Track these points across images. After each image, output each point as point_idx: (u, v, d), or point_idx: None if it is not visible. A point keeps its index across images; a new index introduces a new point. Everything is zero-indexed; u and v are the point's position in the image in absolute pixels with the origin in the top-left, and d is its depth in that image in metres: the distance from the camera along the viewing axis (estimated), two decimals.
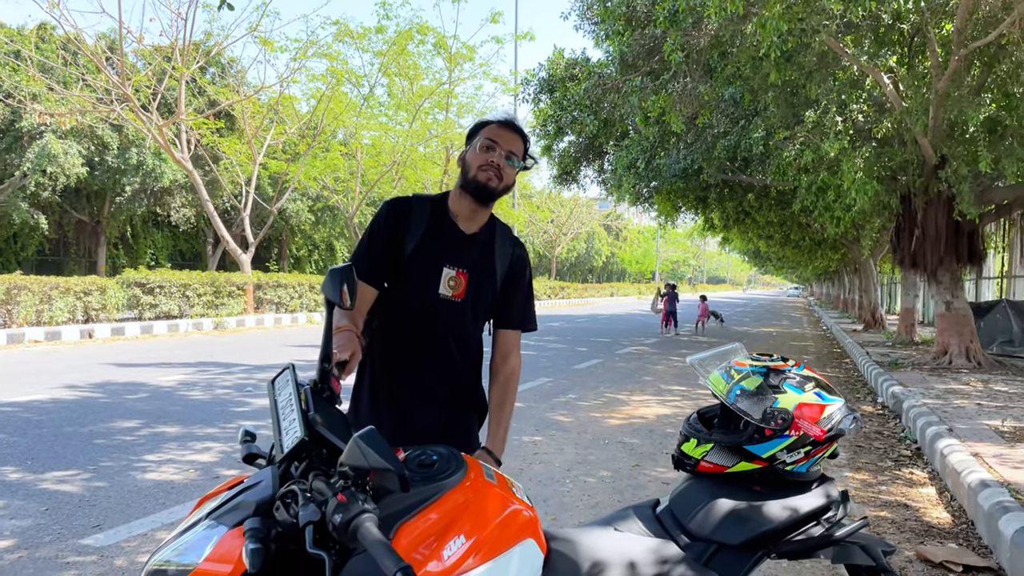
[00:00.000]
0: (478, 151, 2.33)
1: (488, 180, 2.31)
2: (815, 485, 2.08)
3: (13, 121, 29.62)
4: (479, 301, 2.39)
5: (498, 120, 2.38)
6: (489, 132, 2.35)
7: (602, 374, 12.53)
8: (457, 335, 2.39)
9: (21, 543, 4.18)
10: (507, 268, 2.45)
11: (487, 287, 2.40)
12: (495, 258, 2.42)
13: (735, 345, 2.35)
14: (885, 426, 8.48)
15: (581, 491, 5.49)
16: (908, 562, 4.26)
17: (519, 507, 1.83)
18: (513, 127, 2.37)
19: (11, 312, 16.58)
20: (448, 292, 2.35)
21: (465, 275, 2.36)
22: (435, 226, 2.37)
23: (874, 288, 27.26)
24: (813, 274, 55.18)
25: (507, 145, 2.33)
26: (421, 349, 2.37)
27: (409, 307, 2.36)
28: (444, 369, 2.39)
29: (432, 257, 2.34)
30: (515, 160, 2.36)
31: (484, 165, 2.30)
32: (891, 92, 11.32)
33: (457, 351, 2.40)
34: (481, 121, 2.42)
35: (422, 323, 2.36)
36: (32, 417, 7.63)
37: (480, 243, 2.41)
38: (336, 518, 1.46)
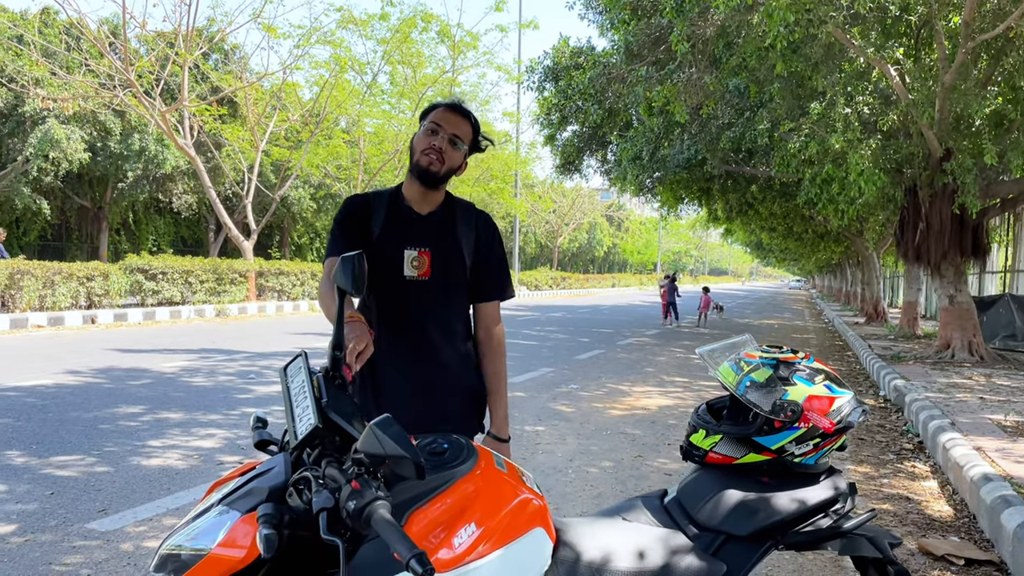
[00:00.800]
0: (423, 135, 2.39)
1: (430, 164, 2.36)
2: (823, 477, 2.08)
3: (16, 106, 29.55)
4: (448, 277, 2.43)
5: (446, 104, 2.43)
6: (435, 116, 2.40)
7: (604, 365, 12.54)
8: (433, 315, 2.42)
9: (27, 527, 4.20)
10: (474, 241, 2.50)
11: (454, 263, 2.44)
12: (458, 234, 2.47)
13: (745, 337, 2.35)
14: (887, 419, 8.49)
15: (583, 481, 5.51)
16: (910, 555, 4.27)
17: (529, 496, 1.84)
18: (458, 110, 2.42)
19: (14, 297, 16.59)
20: (413, 272, 2.40)
21: (427, 253, 2.41)
22: (393, 213, 2.44)
23: (876, 281, 27.25)
24: (815, 267, 55.18)
25: (451, 128, 2.38)
26: (400, 333, 2.40)
27: (382, 294, 2.41)
28: (426, 352, 2.42)
29: (393, 241, 2.40)
30: (460, 143, 2.39)
31: (427, 149, 2.36)
32: (897, 84, 11.28)
33: (439, 332, 2.43)
34: (430, 105, 2.47)
35: (395, 307, 2.41)
36: (36, 402, 7.65)
37: (437, 221, 2.46)
38: (350, 505, 1.47)
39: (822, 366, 2.13)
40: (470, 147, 2.44)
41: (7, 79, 25.52)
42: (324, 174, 31.03)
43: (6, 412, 7.11)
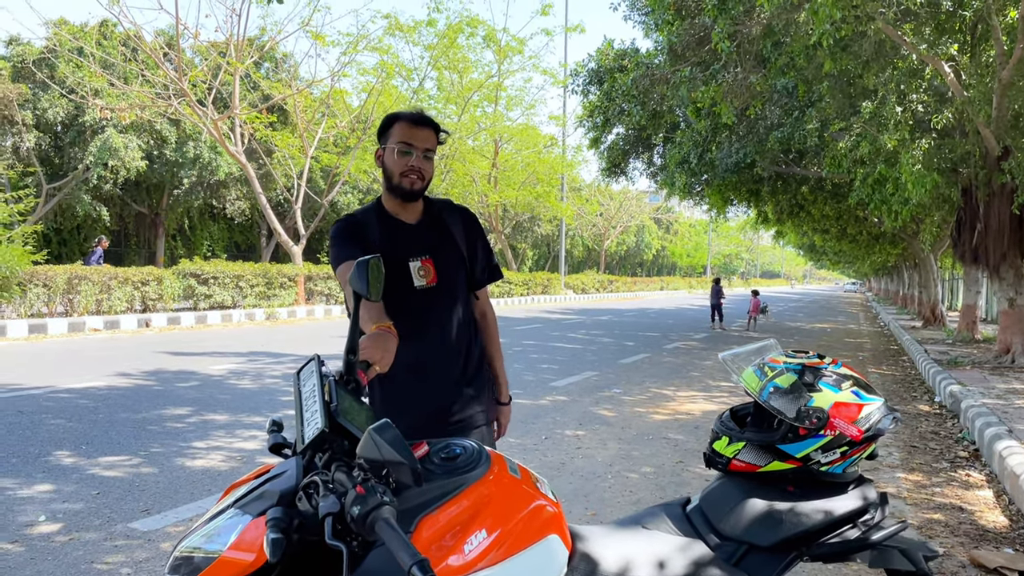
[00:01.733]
0: (396, 157, 2.40)
1: (412, 185, 2.41)
2: (852, 486, 2.01)
3: (76, 116, 30.52)
4: (453, 279, 2.50)
5: (407, 117, 2.43)
6: (402, 134, 2.40)
7: (648, 368, 12.42)
8: (446, 317, 2.49)
9: (71, 526, 4.30)
10: (464, 236, 2.57)
11: (455, 265, 2.51)
12: (451, 234, 2.54)
13: (769, 341, 2.28)
14: (942, 426, 8.24)
15: (622, 487, 5.44)
16: (961, 567, 4.13)
17: (543, 502, 1.80)
18: (423, 121, 2.43)
19: (72, 301, 17.10)
20: (422, 281, 2.46)
21: (430, 261, 2.47)
22: (384, 229, 2.48)
23: (934, 284, 26.52)
24: (871, 269, 53.96)
25: (421, 144, 2.41)
26: (418, 341, 2.43)
27: (394, 306, 2.41)
28: (446, 354, 2.49)
29: (396, 256, 2.42)
30: (431, 154, 2.45)
31: (406, 171, 2.40)
32: (952, 81, 10.96)
33: (454, 332, 2.50)
34: (390, 116, 2.47)
35: (410, 318, 2.42)
36: (88, 403, 7.86)
37: (429, 227, 2.52)
38: (354, 510, 1.46)
39: (850, 372, 2.06)
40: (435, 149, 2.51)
41: (68, 90, 26.34)
42: (372, 179, 31.38)
43: (60, 413, 7.31)
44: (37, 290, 16.31)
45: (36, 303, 16.40)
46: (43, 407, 7.59)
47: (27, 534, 4.16)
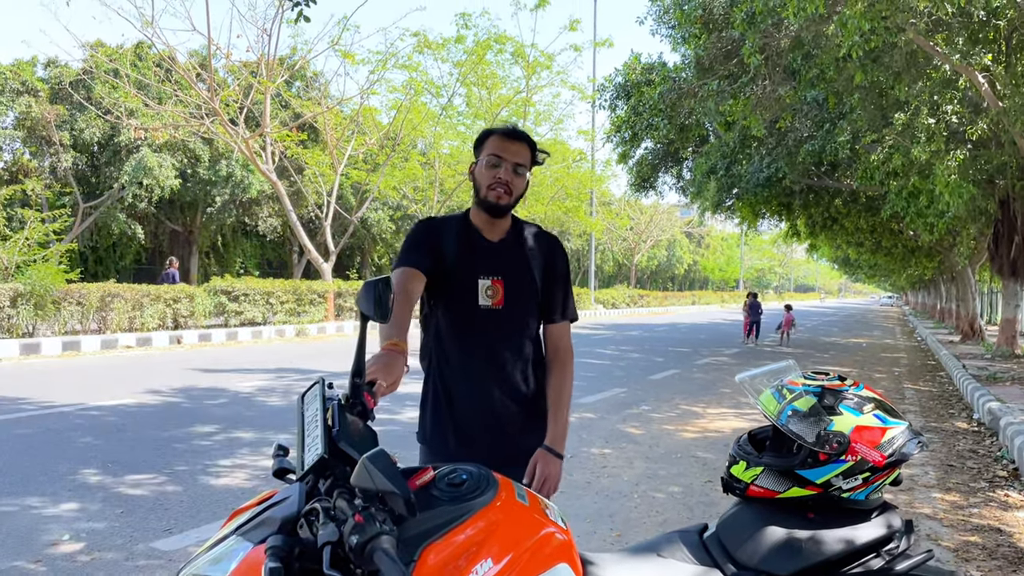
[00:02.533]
0: (485, 168, 2.36)
1: (498, 199, 2.35)
2: (875, 514, 1.92)
3: (112, 136, 31.15)
4: (520, 305, 2.43)
5: (501, 131, 2.39)
6: (494, 146, 2.36)
7: (678, 385, 12.27)
8: (506, 342, 2.42)
9: (93, 545, 4.31)
10: (543, 265, 2.49)
11: (526, 289, 2.44)
12: (528, 259, 2.46)
13: (788, 363, 2.21)
14: (980, 444, 8.03)
15: (649, 507, 5.35)
16: None
17: (552, 529, 1.75)
18: (517, 135, 2.38)
19: (105, 318, 17.36)
20: (488, 301, 2.39)
21: (501, 282, 2.40)
22: (464, 241, 2.43)
23: (972, 297, 26.00)
24: (907, 282, 53.16)
25: (513, 157, 2.35)
26: (476, 361, 2.40)
27: (456, 322, 2.41)
28: (502, 378, 2.41)
29: (467, 270, 2.38)
30: (523, 169, 2.38)
31: (492, 184, 2.34)
32: (987, 92, 10.76)
33: (514, 360, 2.42)
34: (485, 131, 2.44)
35: (471, 336, 2.40)
36: (117, 421, 7.93)
37: (509, 249, 2.46)
38: (352, 539, 1.42)
39: (873, 394, 1.98)
40: (530, 166, 2.42)
41: (104, 111, 26.89)
42: (401, 196, 31.57)
43: (88, 431, 7.39)
44: (71, 308, 16.58)
45: (70, 320, 16.67)
46: (73, 424, 7.67)
47: (49, 553, 4.17)
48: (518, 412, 2.43)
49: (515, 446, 2.41)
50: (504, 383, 2.41)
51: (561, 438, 2.46)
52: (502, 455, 2.35)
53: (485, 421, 2.40)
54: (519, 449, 2.41)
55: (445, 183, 30.13)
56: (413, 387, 6.70)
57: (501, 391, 2.40)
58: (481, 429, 2.39)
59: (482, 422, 2.39)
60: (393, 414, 8.62)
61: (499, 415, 2.40)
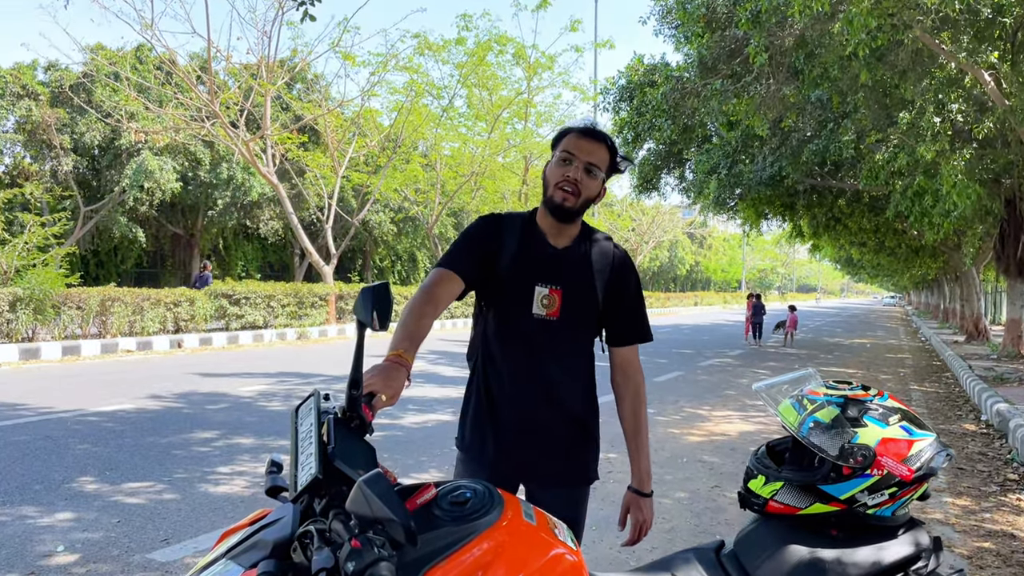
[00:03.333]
0: (555, 166, 2.20)
1: (564, 200, 2.18)
2: (902, 531, 1.82)
3: (113, 139, 31.12)
4: (577, 318, 2.25)
5: (578, 128, 2.23)
6: (567, 143, 2.21)
7: (682, 387, 12.17)
8: (558, 356, 2.25)
9: (89, 557, 4.21)
10: (607, 280, 2.30)
11: (586, 303, 2.26)
12: (592, 272, 2.27)
13: (809, 371, 2.10)
14: (989, 447, 7.94)
15: (656, 514, 5.22)
16: None
17: (562, 551, 1.65)
18: (593, 134, 2.21)
19: (105, 323, 17.28)
20: (542, 311, 2.22)
21: (559, 292, 2.22)
22: (526, 243, 2.26)
23: (977, 297, 25.89)
24: (911, 282, 53.05)
25: (586, 156, 2.18)
26: (521, 375, 2.24)
27: (505, 328, 2.26)
28: (549, 392, 2.24)
29: (524, 275, 2.22)
30: (596, 171, 2.19)
31: (560, 182, 2.18)
32: (993, 90, 10.66)
33: (561, 373, 2.25)
34: (564, 129, 2.27)
35: (519, 345, 2.24)
36: (116, 427, 7.84)
37: (573, 258, 2.27)
38: (349, 566, 1.32)
39: (899, 404, 1.88)
40: (607, 171, 2.25)
41: (104, 114, 26.83)
42: (403, 198, 31.48)
43: (87, 437, 7.29)
44: (71, 312, 16.49)
45: (70, 325, 16.59)
46: (71, 431, 7.58)
47: (43, 565, 4.08)
48: (564, 431, 2.27)
49: (559, 464, 2.26)
50: (551, 399, 2.24)
51: (647, 475, 2.34)
52: (545, 465, 2.24)
53: (526, 433, 2.23)
54: (561, 470, 2.27)
55: (447, 185, 30.05)
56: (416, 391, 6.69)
57: (548, 406, 2.24)
58: (523, 435, 2.23)
59: (525, 427, 2.23)
60: (395, 419, 8.52)
61: (542, 430, 2.24)
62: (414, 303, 2.06)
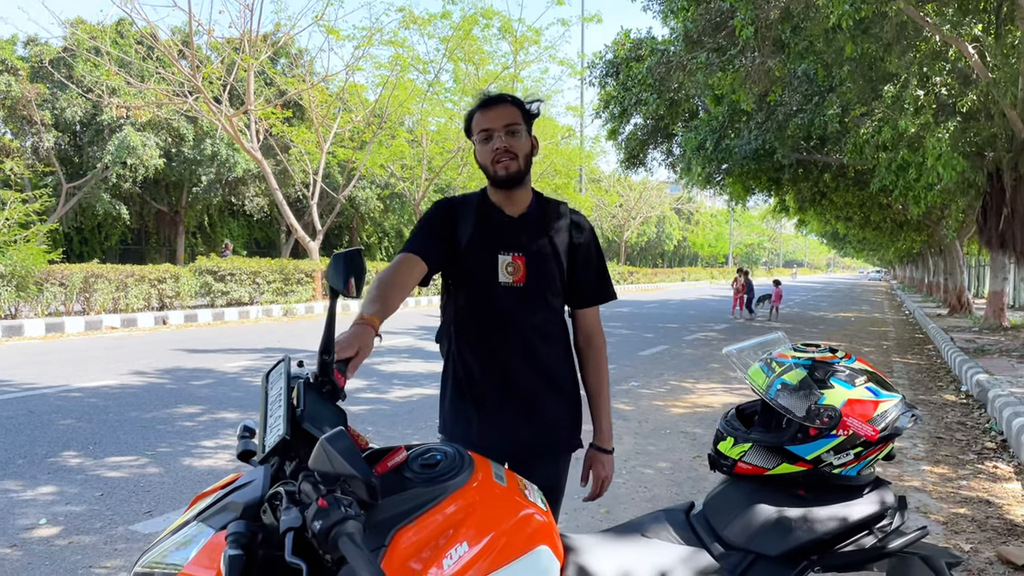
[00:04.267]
0: (481, 147, 2.24)
1: (505, 168, 2.21)
2: (867, 490, 1.85)
3: (94, 115, 30.74)
4: (543, 282, 2.28)
5: (478, 105, 2.26)
6: (478, 122, 2.24)
7: (668, 361, 12.25)
8: (530, 321, 2.28)
9: (72, 529, 4.23)
10: (568, 242, 2.33)
11: (549, 267, 2.29)
12: (551, 236, 2.31)
13: (777, 335, 2.12)
14: (968, 416, 8.04)
15: (637, 483, 5.31)
16: (988, 563, 3.98)
17: (532, 511, 1.68)
18: (495, 100, 2.24)
19: (89, 299, 17.18)
20: (508, 278, 2.26)
21: (522, 258, 2.26)
22: (483, 217, 2.30)
23: (960, 270, 26.09)
24: (896, 256, 53.32)
25: (498, 122, 2.20)
26: (496, 342, 2.27)
27: (476, 302, 2.28)
28: (527, 358, 2.27)
29: (486, 246, 2.26)
30: (516, 127, 2.22)
31: (494, 157, 2.20)
32: (977, 63, 10.67)
33: (536, 338, 2.28)
34: (468, 114, 2.31)
35: (491, 314, 2.27)
36: (99, 402, 7.82)
37: (531, 223, 2.31)
38: (316, 525, 1.34)
39: (865, 366, 1.90)
40: (527, 123, 2.27)
41: (86, 89, 26.48)
42: (389, 174, 31.31)
43: (70, 413, 7.28)
44: (54, 289, 16.38)
45: (53, 302, 16.48)
46: (54, 406, 7.56)
47: (26, 538, 4.09)
48: (545, 397, 2.29)
49: (545, 434, 2.29)
50: (529, 359, 2.27)
51: (609, 433, 2.41)
52: (529, 433, 2.26)
53: (509, 396, 2.25)
54: (549, 438, 2.30)
55: (433, 160, 29.90)
56: (401, 366, 6.70)
57: (528, 372, 2.26)
58: (505, 406, 2.25)
59: (506, 398, 2.25)
60: (381, 393, 8.55)
61: (524, 390, 2.26)
62: (378, 282, 2.08)
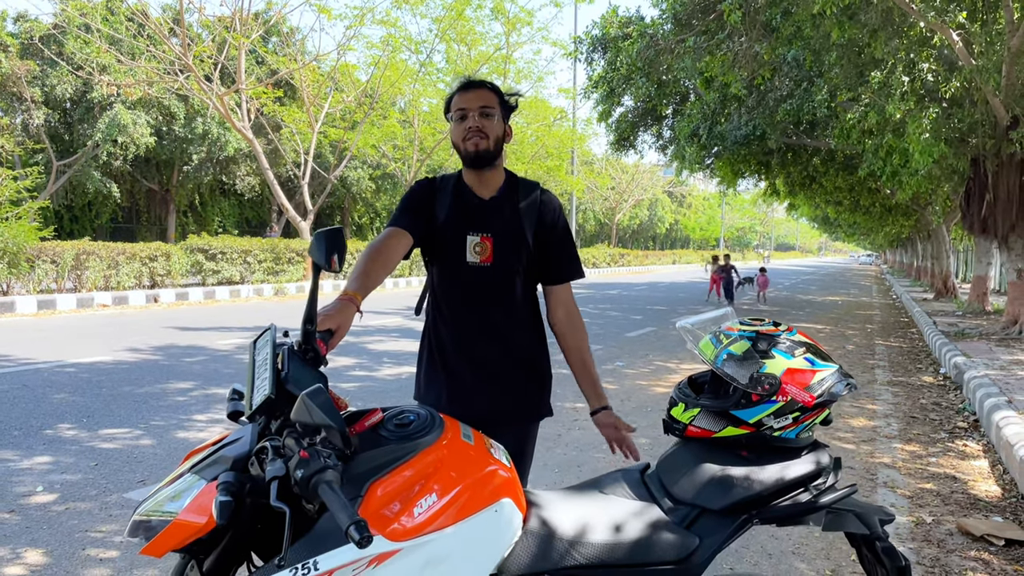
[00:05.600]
0: (456, 126, 2.37)
1: (476, 146, 2.34)
2: (806, 452, 2.02)
3: (85, 93, 30.61)
4: (510, 263, 2.40)
5: (458, 87, 2.40)
6: (456, 103, 2.38)
7: (654, 342, 12.42)
8: (496, 300, 2.41)
9: (67, 496, 4.38)
10: (536, 223, 2.45)
11: (516, 248, 2.41)
12: (520, 217, 2.43)
13: (726, 310, 2.30)
14: (944, 397, 8.24)
15: (617, 457, 5.37)
16: (948, 535, 4.16)
17: (495, 467, 1.83)
18: (473, 84, 2.39)
19: (81, 277, 17.25)
20: (475, 258, 2.39)
21: (489, 239, 2.39)
22: (457, 198, 2.43)
23: (946, 255, 26.32)
24: (885, 240, 53.54)
25: (474, 104, 2.34)
26: (467, 317, 2.41)
27: (446, 279, 2.43)
28: (493, 335, 2.40)
29: (457, 227, 2.39)
30: (491, 111, 2.35)
31: (466, 136, 2.34)
32: (961, 50, 10.79)
33: (503, 315, 2.41)
34: (447, 97, 2.44)
35: (460, 292, 2.41)
36: (93, 377, 7.96)
37: (499, 206, 2.43)
38: (298, 473, 1.49)
39: (805, 339, 2.07)
40: (504, 111, 2.40)
41: (76, 67, 26.36)
42: (381, 155, 31.31)
43: (64, 387, 7.41)
44: (45, 266, 16.45)
45: (45, 279, 16.55)
46: (48, 381, 7.69)
47: (24, 504, 4.24)
48: (512, 372, 2.42)
49: (510, 403, 2.41)
50: (497, 340, 2.40)
51: (601, 391, 2.55)
52: (494, 403, 2.38)
53: (475, 368, 2.39)
54: (514, 407, 2.42)
55: (425, 141, 29.89)
56: (391, 345, 6.89)
57: (494, 348, 2.40)
58: (471, 376, 2.39)
59: (472, 369, 2.39)
60: (371, 371, 8.70)
61: (491, 373, 2.40)
62: (364, 256, 2.22)
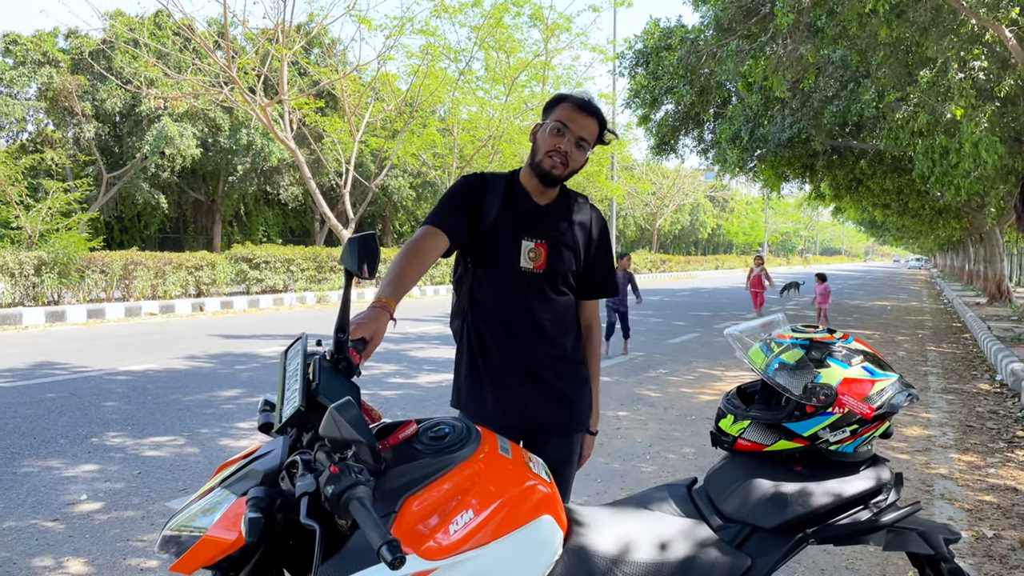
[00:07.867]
0: (548, 134, 2.28)
1: (553, 168, 2.28)
2: (864, 466, 1.90)
3: (133, 106, 31.30)
4: (561, 271, 2.36)
5: (574, 100, 2.30)
6: (562, 113, 2.29)
7: (697, 349, 12.23)
8: (546, 306, 2.36)
9: (111, 504, 4.40)
10: (586, 236, 2.42)
11: (569, 256, 2.37)
12: (574, 228, 2.39)
13: (777, 316, 2.18)
14: (1001, 405, 7.95)
15: (660, 468, 5.36)
16: (1011, 549, 3.98)
17: (535, 482, 1.76)
18: (589, 109, 2.29)
19: (129, 286, 17.59)
20: (529, 264, 2.33)
21: (544, 245, 2.34)
22: (510, 200, 2.36)
23: (1000, 258, 25.58)
24: (935, 244, 52.36)
25: (578, 130, 2.27)
26: (514, 323, 2.34)
27: (494, 281, 2.35)
28: (540, 341, 2.35)
29: (511, 230, 2.32)
30: (586, 145, 2.30)
31: (551, 151, 2.27)
32: (1014, 47, 10.45)
33: (550, 322, 2.36)
34: (559, 95, 2.35)
35: (509, 297, 2.34)
36: (140, 385, 8.06)
37: (556, 214, 2.39)
38: (328, 489, 1.44)
39: (863, 347, 1.95)
40: (593, 144, 2.35)
41: (124, 81, 26.96)
42: (421, 163, 31.47)
43: (111, 395, 7.52)
44: (95, 276, 16.80)
45: (94, 289, 16.90)
46: (96, 389, 7.81)
47: (68, 512, 4.27)
48: (558, 374, 2.37)
49: (558, 404, 2.35)
50: (543, 338, 2.35)
51: (597, 416, 2.51)
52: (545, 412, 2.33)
53: (526, 376, 2.32)
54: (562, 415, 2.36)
55: (464, 149, 29.96)
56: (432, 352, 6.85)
57: (543, 349, 2.34)
58: (521, 384, 2.32)
59: (522, 377, 2.32)
60: (411, 378, 8.68)
61: (541, 371, 2.33)
62: (399, 257, 2.14)
